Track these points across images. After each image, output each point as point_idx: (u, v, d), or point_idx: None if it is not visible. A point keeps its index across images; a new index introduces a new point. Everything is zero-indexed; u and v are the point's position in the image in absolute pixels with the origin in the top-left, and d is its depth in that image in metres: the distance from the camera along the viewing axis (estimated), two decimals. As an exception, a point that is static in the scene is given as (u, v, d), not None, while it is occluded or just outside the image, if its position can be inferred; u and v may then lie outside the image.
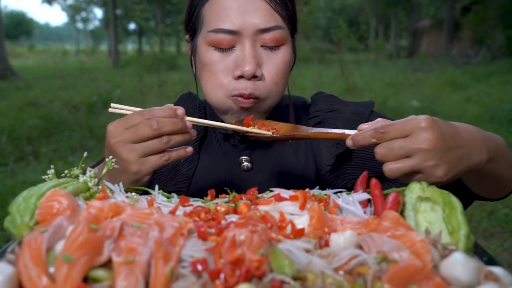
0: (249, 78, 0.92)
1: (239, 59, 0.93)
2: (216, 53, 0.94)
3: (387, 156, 0.70)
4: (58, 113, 7.07)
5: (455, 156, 0.69)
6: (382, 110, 6.91)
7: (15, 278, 0.48)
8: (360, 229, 0.62)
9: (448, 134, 0.69)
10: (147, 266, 0.49)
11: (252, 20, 0.91)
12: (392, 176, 0.71)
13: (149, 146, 0.79)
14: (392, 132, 0.70)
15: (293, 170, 1.06)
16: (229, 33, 0.92)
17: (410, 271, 0.49)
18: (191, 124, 0.83)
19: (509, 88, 9.04)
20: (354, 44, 10.29)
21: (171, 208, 0.69)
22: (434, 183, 0.69)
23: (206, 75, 0.97)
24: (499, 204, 3.64)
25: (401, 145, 0.68)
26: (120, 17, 28.50)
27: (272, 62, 0.95)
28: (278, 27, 0.94)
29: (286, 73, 0.99)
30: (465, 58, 15.99)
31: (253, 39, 0.93)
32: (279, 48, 0.96)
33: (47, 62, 21.61)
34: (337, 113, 1.07)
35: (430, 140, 0.67)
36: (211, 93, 0.98)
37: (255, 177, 1.05)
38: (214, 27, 0.93)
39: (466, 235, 0.60)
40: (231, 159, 1.07)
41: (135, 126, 0.79)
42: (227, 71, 0.94)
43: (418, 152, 0.68)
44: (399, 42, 31.10)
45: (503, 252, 3.03)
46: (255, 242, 0.53)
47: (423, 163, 0.68)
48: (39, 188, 0.65)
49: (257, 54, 0.93)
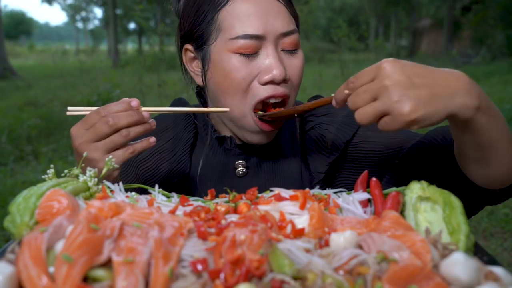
0: (279, 82, 0.92)
1: (265, 64, 0.91)
2: (241, 59, 0.91)
3: (356, 102, 0.69)
4: (57, 113, 7.07)
5: (425, 93, 0.66)
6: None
7: (15, 277, 0.48)
8: (360, 229, 0.62)
9: (414, 72, 0.67)
10: (147, 265, 0.49)
11: (275, 24, 0.91)
12: (364, 122, 0.69)
13: (110, 142, 0.82)
14: (360, 79, 0.69)
15: (288, 176, 1.05)
16: (255, 38, 0.90)
17: (410, 271, 0.49)
18: (148, 114, 0.85)
19: (509, 88, 9.04)
20: (354, 43, 10.29)
21: (171, 207, 0.69)
22: (405, 125, 0.66)
23: (227, 83, 0.93)
24: (499, 204, 3.64)
25: (366, 88, 0.68)
26: (120, 17, 28.49)
27: (293, 65, 0.95)
28: (296, 31, 0.95)
29: (302, 75, 0.99)
30: (465, 58, 15.98)
31: (276, 43, 0.93)
32: (296, 51, 0.96)
33: (47, 62, 21.63)
34: (330, 116, 1.07)
35: (391, 77, 0.66)
36: (234, 105, 0.94)
37: (250, 182, 1.04)
38: (238, 33, 0.90)
39: (466, 235, 0.60)
40: (226, 164, 1.06)
41: (94, 126, 0.82)
42: (252, 76, 0.92)
43: (381, 91, 0.66)
44: (399, 41, 31.08)
45: (503, 252, 3.03)
46: (255, 242, 0.53)
47: (387, 101, 0.66)
48: (39, 188, 0.65)
49: (281, 58, 0.93)
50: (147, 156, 1.07)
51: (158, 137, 1.02)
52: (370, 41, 25.70)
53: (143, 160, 1.07)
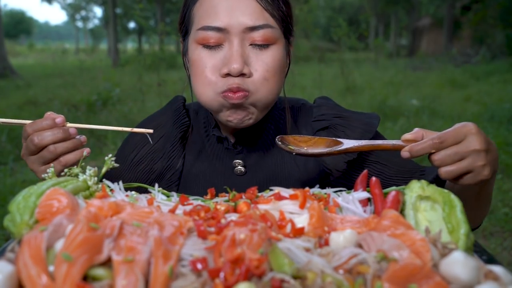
0: (236, 75, 0.91)
1: (226, 57, 0.92)
2: (204, 51, 0.93)
3: (445, 161, 0.77)
4: (57, 112, 6.99)
5: (493, 158, 0.79)
6: (382, 109, 6.90)
7: (14, 276, 0.48)
8: (360, 228, 0.62)
9: (486, 138, 0.78)
10: (146, 264, 0.49)
11: (240, 18, 0.91)
12: (448, 178, 0.79)
13: (40, 157, 0.88)
14: (449, 140, 0.77)
15: (291, 174, 1.05)
16: (217, 31, 0.91)
17: (410, 270, 0.49)
18: (75, 130, 0.89)
19: (509, 87, 9.05)
20: (354, 43, 10.29)
21: (170, 207, 0.69)
22: (481, 182, 0.78)
23: (195, 73, 0.96)
24: (499, 203, 3.64)
25: (456, 151, 0.77)
26: (119, 16, 28.46)
27: (260, 59, 0.93)
28: (267, 26, 0.92)
29: (277, 71, 0.96)
30: (465, 57, 15.99)
31: (242, 38, 0.92)
32: (268, 47, 0.94)
33: (46, 61, 21.60)
34: (344, 120, 1.07)
35: (481, 143, 0.76)
36: (200, 92, 0.96)
37: (249, 181, 1.04)
38: (202, 24, 0.93)
39: (466, 234, 0.60)
40: (225, 163, 1.06)
41: (26, 142, 0.88)
42: (215, 69, 0.93)
43: (471, 154, 0.77)
44: (399, 41, 31.08)
45: (503, 251, 3.03)
46: (255, 241, 0.53)
47: (474, 163, 0.77)
48: (38, 187, 0.65)
49: (244, 52, 0.92)
50: (141, 157, 1.08)
51: (153, 136, 1.04)
52: (370, 40, 25.69)
53: (138, 162, 1.08)
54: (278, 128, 1.08)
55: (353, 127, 1.05)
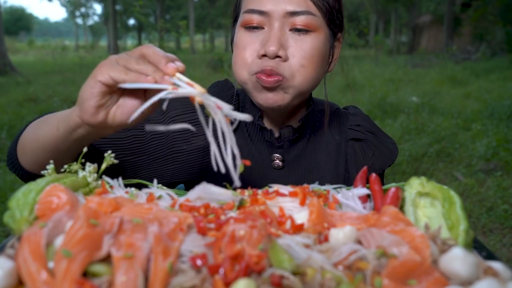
0: (272, 57, 0.92)
1: (265, 39, 0.94)
2: (246, 33, 0.97)
3: None
4: (57, 109, 7.03)
5: None
6: (382, 106, 6.90)
7: (14, 272, 0.48)
8: (360, 224, 0.63)
9: None
10: (146, 261, 0.49)
11: (283, 4, 0.93)
12: None
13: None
14: None
15: (322, 174, 1.07)
16: (260, 14, 0.94)
17: (409, 266, 0.49)
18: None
19: (509, 84, 9.04)
20: (354, 39, 10.29)
21: (170, 202, 0.69)
22: None
23: (234, 54, 1.00)
24: (498, 200, 3.65)
25: None
26: (119, 13, 28.42)
27: (299, 45, 0.94)
28: (308, 12, 0.93)
29: (315, 59, 0.95)
30: (465, 54, 15.97)
31: (282, 22, 0.94)
32: (308, 33, 0.94)
33: (46, 58, 21.56)
34: (377, 139, 1.10)
35: None
36: (237, 72, 0.99)
37: (285, 176, 1.05)
38: (246, 8, 0.97)
39: (465, 230, 0.60)
40: (264, 155, 1.07)
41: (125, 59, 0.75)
42: (253, 50, 0.96)
43: None
44: (399, 37, 31.03)
45: (502, 247, 3.03)
46: (254, 237, 0.53)
47: None
48: (38, 183, 0.65)
49: (283, 36, 0.94)
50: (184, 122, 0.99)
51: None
52: (370, 37, 25.63)
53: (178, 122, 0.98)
54: (314, 130, 1.11)
55: (381, 149, 1.08)
